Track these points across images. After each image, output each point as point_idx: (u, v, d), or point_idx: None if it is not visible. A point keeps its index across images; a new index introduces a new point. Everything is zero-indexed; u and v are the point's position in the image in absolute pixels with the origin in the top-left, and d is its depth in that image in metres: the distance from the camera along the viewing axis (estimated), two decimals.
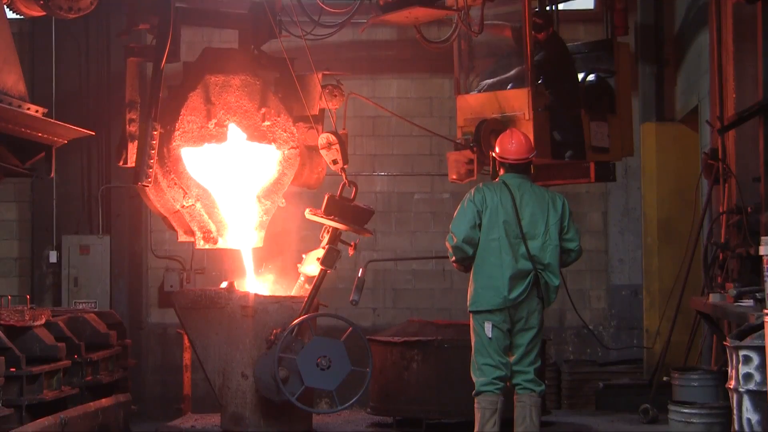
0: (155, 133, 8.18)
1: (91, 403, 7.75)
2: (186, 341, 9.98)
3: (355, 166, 11.25)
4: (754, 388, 5.63)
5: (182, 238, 8.70)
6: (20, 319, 7.03)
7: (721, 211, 8.64)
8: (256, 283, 8.63)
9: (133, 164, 8.26)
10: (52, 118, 8.18)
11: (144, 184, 8.24)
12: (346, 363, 7.83)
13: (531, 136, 8.92)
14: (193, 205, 8.38)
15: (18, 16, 12.70)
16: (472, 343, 7.21)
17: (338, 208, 8.05)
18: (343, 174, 8.33)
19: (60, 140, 8.04)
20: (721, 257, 8.43)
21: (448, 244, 7.34)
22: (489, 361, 7.08)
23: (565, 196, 7.44)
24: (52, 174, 8.12)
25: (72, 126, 8.23)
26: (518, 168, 7.31)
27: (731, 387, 5.77)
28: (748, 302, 6.92)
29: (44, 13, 8.42)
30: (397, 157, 12.81)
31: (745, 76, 8.27)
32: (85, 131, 8.39)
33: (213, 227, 8.44)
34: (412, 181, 12.89)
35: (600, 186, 12.12)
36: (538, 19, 9.38)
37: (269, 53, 8.82)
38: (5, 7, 8.08)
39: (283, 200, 8.63)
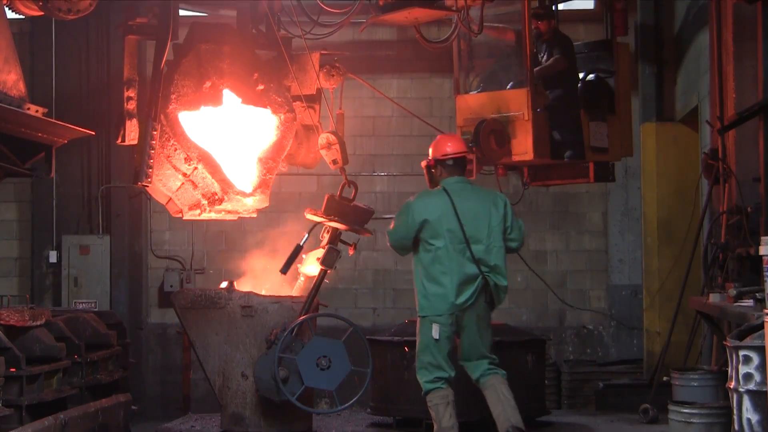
0: (155, 133, 8.18)
1: (91, 403, 7.74)
2: (186, 341, 10.00)
3: (355, 166, 11.26)
4: (754, 388, 5.63)
5: (188, 215, 8.59)
6: (20, 319, 7.03)
7: (721, 211, 8.64)
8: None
9: (132, 141, 8.23)
10: (52, 118, 8.18)
11: (144, 184, 8.24)
12: (346, 363, 7.83)
13: (530, 136, 8.96)
14: (195, 167, 8.29)
15: (18, 16, 12.75)
16: (417, 344, 7.26)
17: (338, 208, 8.05)
18: (343, 174, 8.34)
19: (60, 140, 8.04)
20: (721, 257, 8.42)
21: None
22: (433, 361, 7.16)
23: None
24: (52, 174, 8.11)
25: (72, 126, 8.23)
26: (457, 167, 7.33)
27: (731, 387, 5.77)
28: (748, 302, 6.92)
29: (43, 14, 8.38)
30: (397, 157, 12.82)
31: (745, 76, 8.27)
32: (85, 131, 8.39)
33: (218, 188, 8.33)
34: (412, 181, 12.88)
35: (600, 186, 12.13)
36: (539, 9, 9.41)
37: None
38: (5, 6, 8.05)
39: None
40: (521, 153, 9.12)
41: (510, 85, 9.58)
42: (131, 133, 8.25)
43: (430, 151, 7.48)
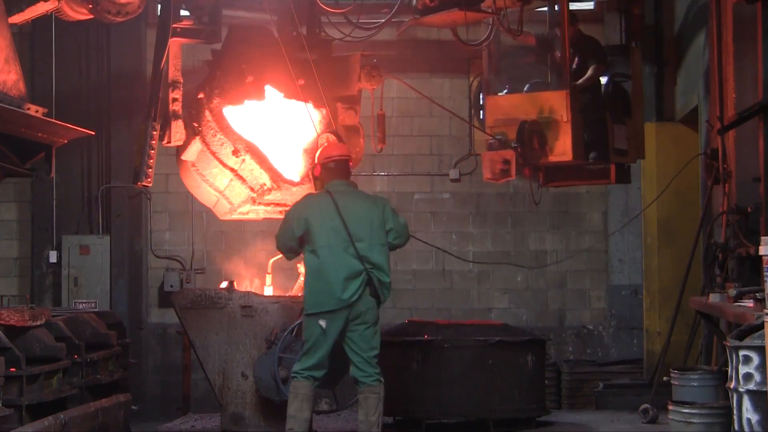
0: (155, 133, 8.19)
1: (91, 403, 7.74)
2: (186, 341, 10.00)
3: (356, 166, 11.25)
4: (754, 388, 5.63)
5: (237, 213, 8.68)
6: (20, 319, 7.02)
7: (721, 211, 8.64)
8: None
9: (177, 143, 8.35)
10: (52, 118, 8.18)
11: (144, 184, 8.25)
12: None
13: (569, 138, 9.15)
14: (243, 159, 8.38)
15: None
16: (303, 335, 7.45)
17: None
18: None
19: (60, 140, 8.04)
20: (721, 257, 8.42)
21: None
22: (311, 353, 7.31)
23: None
24: (52, 174, 8.11)
25: (72, 126, 8.23)
26: (340, 170, 7.53)
27: (731, 387, 5.77)
28: (748, 302, 6.92)
29: (92, 17, 8.51)
30: (397, 157, 12.81)
31: (745, 76, 8.26)
32: (85, 131, 8.39)
33: (267, 178, 8.42)
34: (412, 181, 12.90)
35: (600, 186, 12.14)
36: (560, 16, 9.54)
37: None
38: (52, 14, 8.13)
39: None
40: (560, 154, 9.28)
41: (527, 87, 9.68)
42: (176, 134, 8.35)
43: (316, 157, 7.70)
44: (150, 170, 8.18)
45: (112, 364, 8.30)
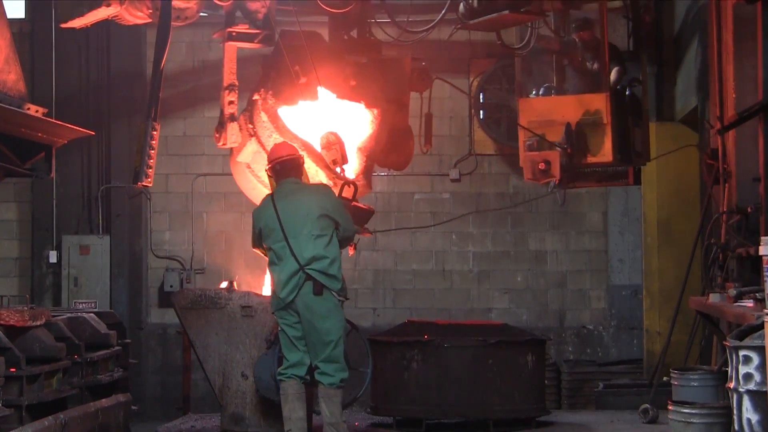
0: (155, 132, 8.19)
1: (91, 403, 7.74)
2: (186, 341, 9.99)
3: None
4: (754, 388, 5.63)
5: None
6: (20, 319, 7.02)
7: (721, 211, 8.64)
8: None
9: (233, 144, 8.44)
10: (52, 118, 8.18)
11: (144, 184, 8.25)
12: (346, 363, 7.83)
13: (609, 140, 9.37)
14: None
15: (20, 16, 12.78)
16: None
17: None
18: (342, 173, 8.35)
19: (60, 140, 8.04)
20: (721, 257, 8.42)
21: None
22: (286, 353, 7.54)
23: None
24: (52, 174, 8.12)
25: (72, 126, 8.23)
26: (287, 170, 7.69)
27: (731, 387, 5.77)
28: (748, 302, 6.92)
29: (149, 20, 8.59)
30: None
31: (745, 76, 8.26)
32: (85, 131, 8.39)
33: (323, 176, 8.48)
34: (412, 181, 12.90)
35: (600, 186, 12.14)
36: (579, 21, 9.70)
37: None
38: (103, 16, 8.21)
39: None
40: (600, 155, 9.50)
41: (540, 91, 9.79)
42: (232, 136, 8.45)
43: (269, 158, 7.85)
44: (150, 170, 8.17)
45: (112, 364, 8.30)
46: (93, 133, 9.24)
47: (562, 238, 12.83)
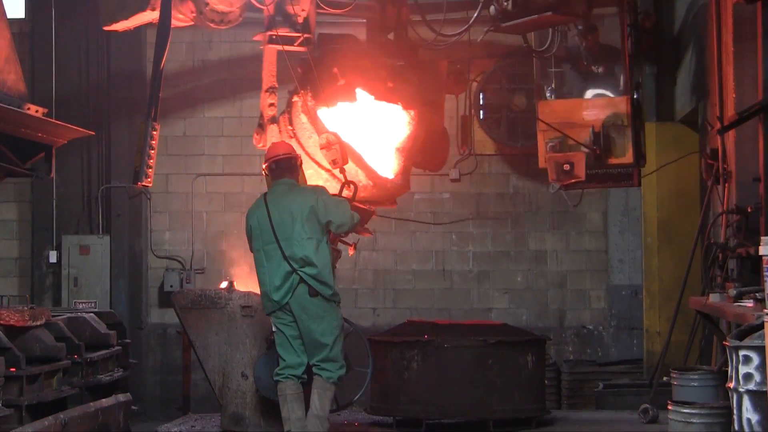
0: (155, 132, 8.19)
1: (91, 403, 7.74)
2: (186, 341, 9.99)
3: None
4: (754, 388, 5.63)
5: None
6: (20, 319, 7.02)
7: (721, 211, 8.64)
8: None
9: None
10: (52, 118, 8.18)
11: (144, 184, 8.25)
12: (346, 363, 7.83)
13: (630, 142, 9.52)
14: None
15: (20, 16, 12.78)
16: None
17: None
18: (343, 174, 8.35)
19: (60, 140, 8.04)
20: (721, 257, 8.42)
21: None
22: (282, 354, 7.55)
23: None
24: (52, 174, 8.12)
25: (72, 126, 8.23)
26: (282, 169, 7.70)
27: (731, 387, 5.77)
28: (748, 302, 6.92)
29: (192, 24, 8.70)
30: None
31: (745, 76, 8.26)
32: (85, 131, 8.39)
33: (362, 175, 8.58)
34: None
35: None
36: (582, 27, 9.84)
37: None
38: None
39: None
40: (621, 157, 9.64)
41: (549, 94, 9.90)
42: (272, 138, 8.52)
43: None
44: (150, 170, 8.17)
45: (112, 364, 8.29)
46: (93, 133, 9.24)
47: (562, 238, 12.83)
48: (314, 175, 8.54)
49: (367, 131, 8.82)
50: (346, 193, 8.27)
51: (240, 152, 12.85)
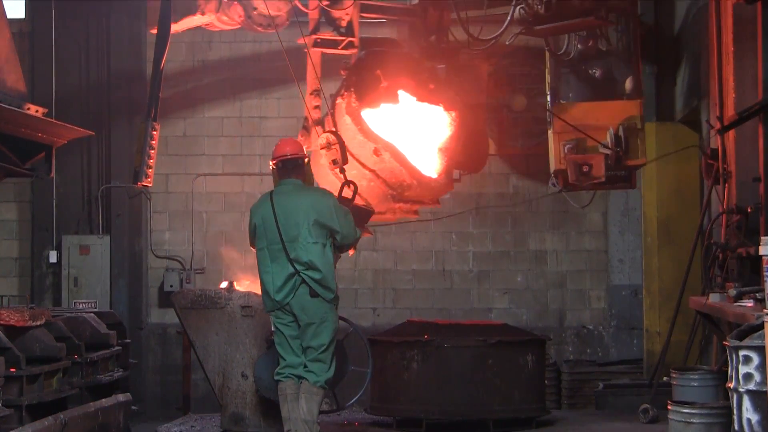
0: (155, 132, 8.20)
1: (91, 403, 7.74)
2: (186, 341, 9.99)
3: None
4: (754, 388, 5.63)
5: (382, 208, 9.00)
6: (20, 319, 7.02)
7: (721, 211, 8.64)
8: None
9: (318, 147, 8.57)
10: (52, 118, 8.18)
11: (144, 184, 8.26)
12: (346, 363, 7.83)
13: (644, 143, 9.70)
14: (384, 159, 8.64)
15: (20, 16, 12.78)
16: None
17: None
18: (343, 174, 8.35)
19: (60, 140, 8.04)
20: (721, 257, 8.42)
21: None
22: (281, 353, 7.55)
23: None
24: (52, 174, 8.12)
25: (72, 126, 8.24)
26: (287, 169, 7.66)
27: (731, 387, 5.77)
28: (748, 302, 6.92)
29: (238, 27, 8.85)
30: None
31: (745, 76, 8.26)
32: (85, 131, 8.40)
33: (406, 174, 8.66)
34: None
35: None
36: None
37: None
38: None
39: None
40: (636, 158, 9.78)
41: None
42: (317, 139, 8.58)
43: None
44: (150, 170, 8.19)
45: (112, 364, 8.30)
46: (93, 133, 9.25)
47: (562, 238, 12.83)
48: (358, 175, 8.63)
49: (410, 132, 8.93)
50: (346, 192, 8.27)
51: (240, 152, 12.85)
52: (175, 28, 8.74)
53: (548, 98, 9.83)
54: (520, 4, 8.78)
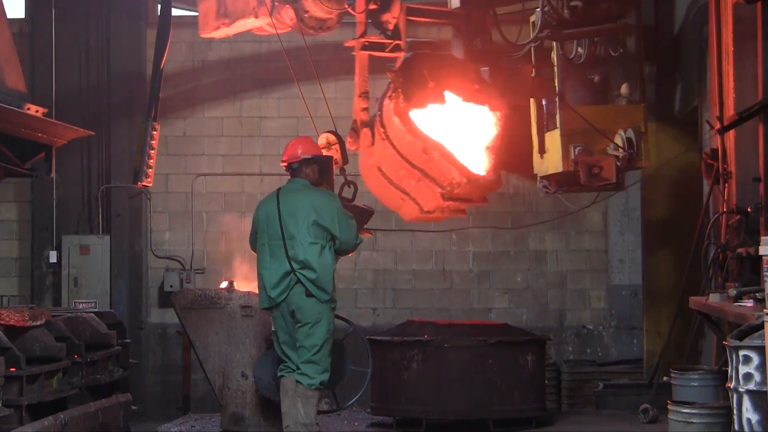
0: (155, 132, 8.20)
1: (91, 403, 7.75)
2: (186, 341, 9.99)
3: (356, 166, 11.26)
4: (754, 388, 5.63)
5: (431, 207, 9.02)
6: (20, 319, 7.02)
7: (721, 211, 8.64)
8: None
9: (367, 147, 8.67)
10: (52, 118, 8.18)
11: (144, 184, 8.26)
12: (346, 363, 7.83)
13: (648, 146, 9.86)
14: (432, 157, 8.67)
15: (19, 16, 12.79)
16: None
17: None
18: (343, 174, 8.35)
19: (60, 140, 8.05)
20: (721, 257, 8.42)
21: None
22: (280, 352, 7.57)
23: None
24: (52, 174, 8.13)
25: (72, 126, 8.24)
26: (297, 169, 7.71)
27: (731, 387, 5.77)
28: (748, 302, 6.92)
29: (288, 30, 8.94)
30: None
31: (745, 76, 8.25)
32: (85, 131, 8.40)
33: (455, 172, 8.69)
34: None
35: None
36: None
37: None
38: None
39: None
40: (639, 161, 9.94)
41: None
42: (365, 141, 8.70)
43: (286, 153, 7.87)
44: (150, 170, 8.20)
45: (112, 364, 8.30)
46: (93, 133, 9.25)
47: (562, 238, 12.83)
48: (407, 176, 8.70)
49: (457, 131, 9.02)
50: (346, 192, 8.27)
51: (240, 152, 12.85)
52: (227, 32, 8.88)
53: (557, 101, 9.86)
54: (545, 7, 8.94)
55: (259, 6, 8.72)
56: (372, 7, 8.82)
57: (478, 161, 9.01)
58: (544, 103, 10.05)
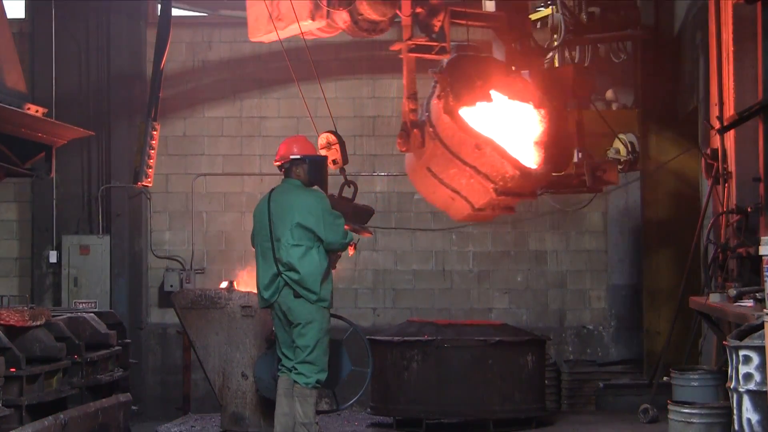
0: (155, 132, 8.20)
1: (91, 403, 7.75)
2: (186, 341, 9.98)
3: (355, 166, 11.26)
4: (754, 388, 5.63)
5: (481, 205, 9.09)
6: (20, 319, 7.02)
7: (721, 211, 8.64)
8: None
9: (417, 148, 8.75)
10: (52, 118, 8.18)
11: (144, 184, 8.26)
12: (346, 363, 7.83)
13: (641, 153, 10.22)
14: (484, 153, 8.74)
15: (19, 16, 12.79)
16: None
17: (338, 207, 8.06)
18: (343, 174, 8.35)
19: (60, 140, 8.05)
20: (721, 257, 8.42)
21: None
22: (277, 349, 7.64)
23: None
24: (52, 174, 8.13)
25: (72, 126, 8.24)
26: (289, 169, 7.76)
27: (731, 387, 5.77)
28: (748, 302, 6.92)
29: (339, 32, 9.09)
30: (397, 157, 12.75)
31: (745, 76, 8.26)
32: (85, 131, 8.40)
33: (508, 166, 8.75)
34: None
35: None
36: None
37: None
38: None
39: None
40: (636, 162, 10.37)
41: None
42: (416, 142, 8.77)
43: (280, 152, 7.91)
44: (150, 170, 8.19)
45: (112, 364, 8.30)
46: (93, 133, 9.25)
47: (562, 238, 12.82)
48: (457, 174, 8.76)
49: (506, 127, 9.13)
50: (346, 192, 8.27)
51: (240, 152, 12.84)
52: (283, 35, 8.91)
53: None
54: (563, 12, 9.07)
55: (316, 9, 8.82)
56: (418, 10, 8.99)
57: (528, 155, 9.13)
58: None
